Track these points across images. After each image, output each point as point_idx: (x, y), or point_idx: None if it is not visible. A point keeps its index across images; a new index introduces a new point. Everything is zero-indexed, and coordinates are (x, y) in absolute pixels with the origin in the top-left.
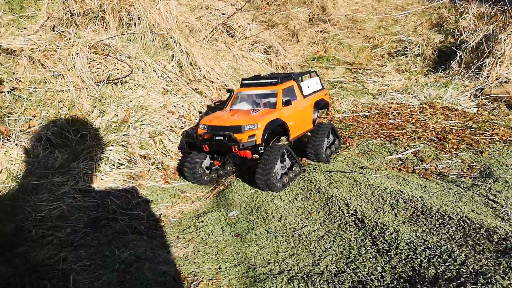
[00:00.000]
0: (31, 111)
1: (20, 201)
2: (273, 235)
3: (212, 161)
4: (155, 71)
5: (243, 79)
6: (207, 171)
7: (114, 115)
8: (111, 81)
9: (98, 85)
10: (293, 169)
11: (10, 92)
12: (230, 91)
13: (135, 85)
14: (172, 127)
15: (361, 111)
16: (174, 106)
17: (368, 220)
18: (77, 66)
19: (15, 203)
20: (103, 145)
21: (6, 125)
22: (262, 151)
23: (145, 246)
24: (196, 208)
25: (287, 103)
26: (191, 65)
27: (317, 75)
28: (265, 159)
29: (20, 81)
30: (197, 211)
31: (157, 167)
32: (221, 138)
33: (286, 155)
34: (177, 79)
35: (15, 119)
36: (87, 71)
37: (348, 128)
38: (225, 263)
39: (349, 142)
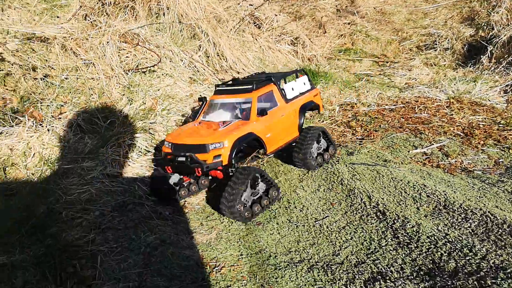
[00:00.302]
0: (63, 98)
1: (52, 184)
2: (295, 224)
3: (181, 177)
4: (182, 60)
5: (216, 85)
6: (177, 188)
7: (142, 103)
8: (139, 70)
9: (127, 74)
10: (268, 194)
11: (43, 79)
12: (202, 99)
13: (162, 74)
14: None
15: (386, 104)
16: (200, 95)
17: (389, 213)
18: (107, 55)
19: (47, 186)
20: (131, 132)
21: (38, 110)
22: (231, 173)
23: (169, 231)
24: (219, 195)
25: (262, 113)
26: (217, 55)
27: (306, 73)
28: (231, 185)
29: (52, 68)
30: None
31: None
32: (184, 159)
33: (259, 179)
34: (204, 69)
35: (47, 105)
36: (116, 60)
37: (373, 121)
38: (247, 250)
39: (373, 135)
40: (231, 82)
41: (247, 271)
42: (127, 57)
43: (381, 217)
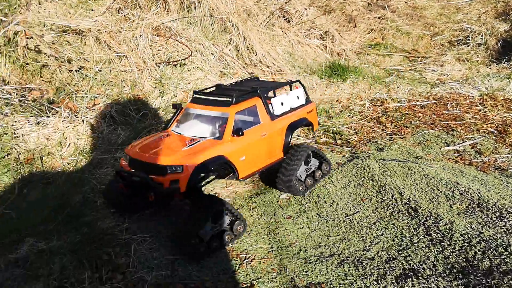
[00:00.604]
0: (96, 90)
1: (86, 174)
2: (325, 219)
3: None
4: (212, 54)
5: (194, 91)
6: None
7: (173, 96)
8: (171, 63)
9: (159, 66)
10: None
11: (78, 71)
12: (176, 106)
13: (193, 68)
14: None
15: (417, 101)
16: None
17: (422, 210)
18: (140, 48)
19: (82, 175)
20: (162, 124)
21: (73, 102)
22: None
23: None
24: (249, 189)
25: (237, 132)
26: (247, 49)
27: (302, 85)
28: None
29: (87, 60)
30: (250, 192)
31: None
32: (138, 179)
33: (223, 212)
34: (234, 63)
35: (82, 97)
36: (149, 53)
37: (403, 117)
38: (277, 244)
39: (404, 131)
40: (214, 88)
41: (277, 264)
42: (158, 50)
43: (413, 214)
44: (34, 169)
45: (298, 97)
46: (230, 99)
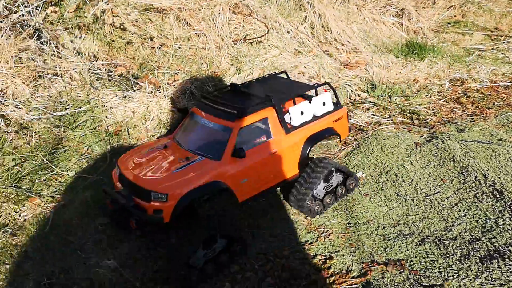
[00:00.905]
0: (176, 66)
1: None
2: (403, 198)
3: None
4: (288, 32)
5: (201, 94)
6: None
7: (249, 73)
8: (247, 41)
9: (235, 44)
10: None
11: (159, 48)
12: (181, 110)
13: (269, 45)
14: None
15: (501, 81)
16: (304, 67)
17: (508, 192)
18: (218, 25)
19: None
20: None
21: (155, 77)
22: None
23: (277, 197)
24: None
25: (238, 153)
26: (322, 26)
27: (331, 87)
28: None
29: (167, 38)
30: None
31: None
32: (124, 201)
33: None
34: (309, 41)
35: (163, 73)
36: (226, 30)
37: (485, 98)
38: (354, 220)
39: (486, 113)
40: (229, 88)
41: (355, 239)
42: (235, 28)
43: (498, 196)
44: (121, 140)
45: (324, 103)
46: (235, 111)
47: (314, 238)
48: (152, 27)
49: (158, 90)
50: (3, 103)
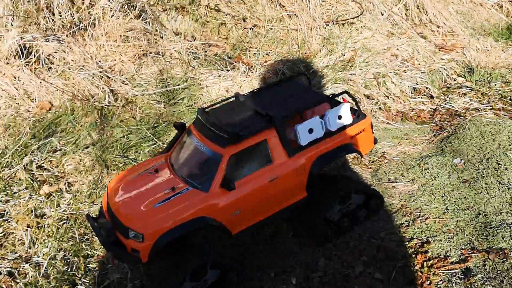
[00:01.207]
0: (267, 47)
1: None
2: (506, 186)
3: None
4: (382, 13)
5: (199, 109)
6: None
7: (341, 55)
8: (339, 22)
9: (327, 25)
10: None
11: (252, 29)
12: (178, 127)
13: (361, 27)
14: (395, 70)
15: None
16: (397, 49)
17: None
18: (311, 6)
19: None
20: (331, 82)
21: (248, 58)
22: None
23: (371, 179)
24: (419, 150)
25: (227, 184)
26: (417, 8)
27: (350, 95)
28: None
29: (259, 19)
30: (420, 153)
31: (380, 108)
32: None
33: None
34: (402, 22)
35: (254, 53)
36: (319, 11)
37: None
38: (453, 206)
39: None
40: (233, 99)
41: (453, 225)
42: (327, 9)
43: None
44: None
45: (340, 117)
46: (226, 136)
47: (410, 222)
48: (245, 8)
49: (250, 70)
50: (112, 79)
